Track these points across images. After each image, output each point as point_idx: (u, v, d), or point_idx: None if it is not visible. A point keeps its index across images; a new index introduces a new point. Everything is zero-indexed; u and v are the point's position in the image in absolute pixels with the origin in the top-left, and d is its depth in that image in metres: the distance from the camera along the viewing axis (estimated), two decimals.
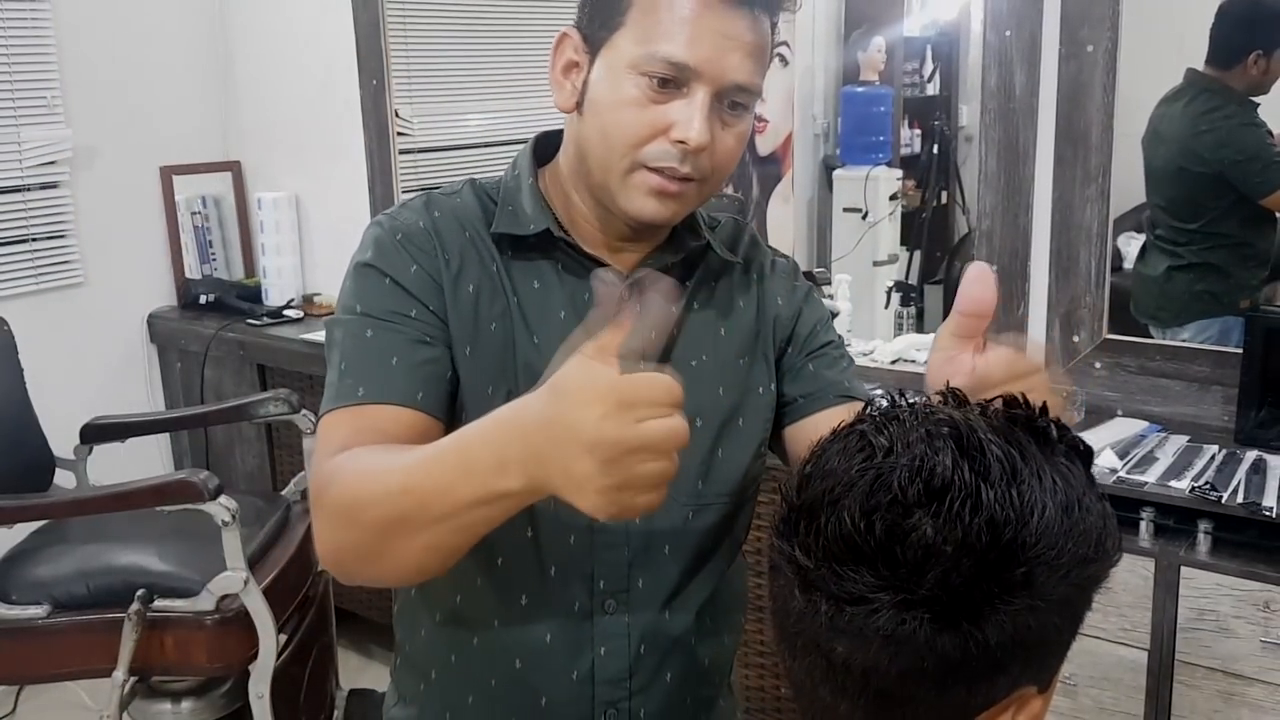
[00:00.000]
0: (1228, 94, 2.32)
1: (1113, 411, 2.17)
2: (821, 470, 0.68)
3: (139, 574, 2.12)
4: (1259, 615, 1.75)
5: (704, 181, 1.04)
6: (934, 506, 0.64)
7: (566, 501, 0.79)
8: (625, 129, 1.00)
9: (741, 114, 1.03)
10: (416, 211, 1.09)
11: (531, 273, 1.09)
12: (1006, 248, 2.24)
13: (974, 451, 0.65)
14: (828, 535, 0.66)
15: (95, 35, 3.17)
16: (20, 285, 3.06)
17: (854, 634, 0.65)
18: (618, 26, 1.01)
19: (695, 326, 1.13)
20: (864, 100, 5.50)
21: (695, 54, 0.97)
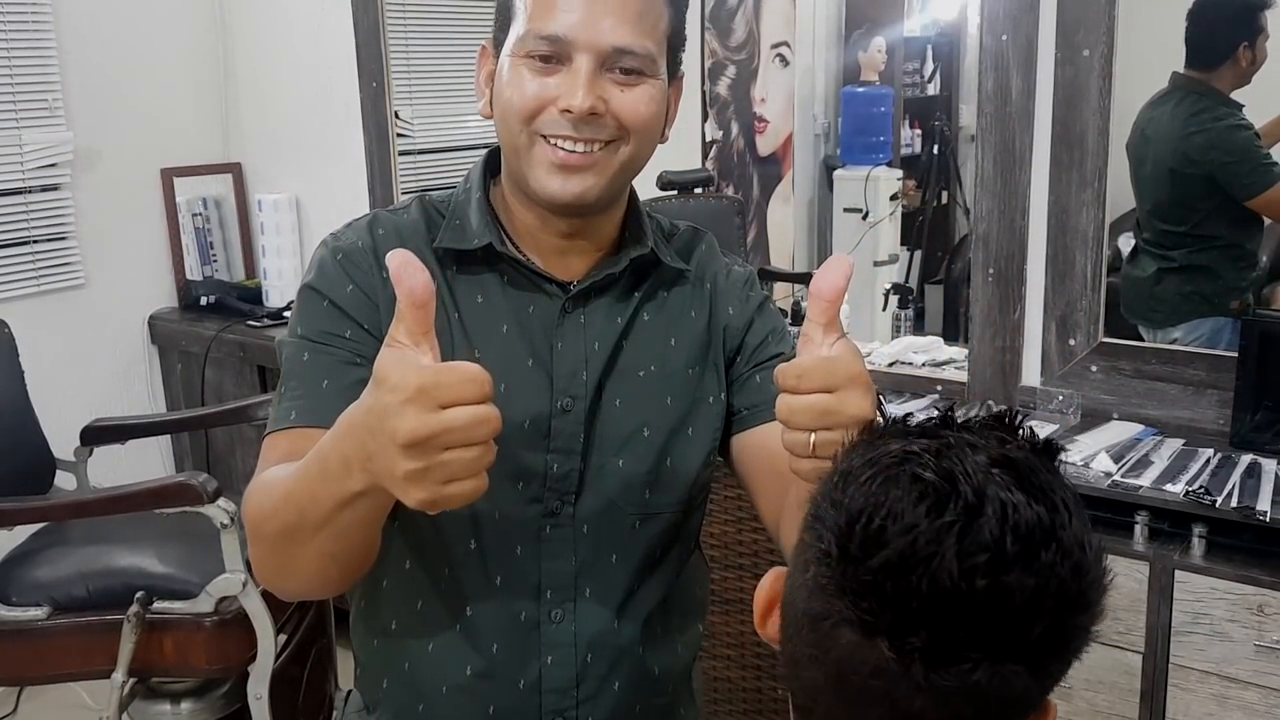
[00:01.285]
0: (1214, 95, 2.32)
1: (1109, 415, 2.18)
2: (896, 523, 0.63)
3: (138, 576, 2.13)
4: (1253, 619, 1.75)
5: (616, 146, 1.04)
6: (1028, 558, 0.62)
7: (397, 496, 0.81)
8: (515, 106, 1.03)
9: (639, 79, 1.03)
10: (359, 231, 1.10)
11: (475, 287, 1.10)
12: (1003, 251, 2.25)
13: (1043, 490, 0.64)
14: (922, 596, 0.62)
15: (96, 38, 3.17)
16: (21, 287, 3.07)
17: (941, 691, 0.63)
18: (510, 22, 1.05)
19: (644, 336, 1.14)
20: (864, 100, 5.51)
21: (565, 23, 1.00)
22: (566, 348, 1.10)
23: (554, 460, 1.09)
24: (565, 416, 1.09)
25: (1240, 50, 2.28)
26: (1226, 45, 2.29)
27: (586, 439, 1.10)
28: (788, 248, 5.40)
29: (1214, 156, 2.32)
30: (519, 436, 1.06)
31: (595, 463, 1.10)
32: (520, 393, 1.07)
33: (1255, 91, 2.29)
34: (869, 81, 5.51)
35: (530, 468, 1.08)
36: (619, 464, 1.11)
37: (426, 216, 1.12)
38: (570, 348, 1.10)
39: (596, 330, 1.11)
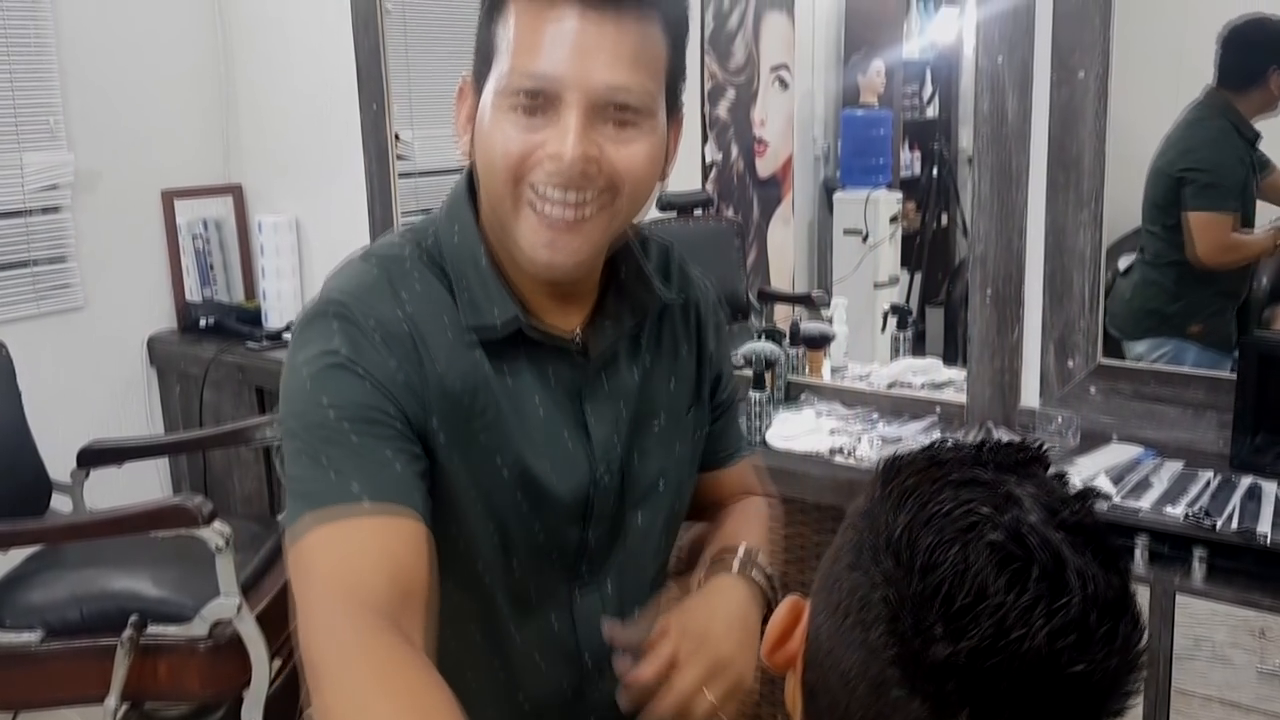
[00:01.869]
0: (1231, 114, 2.32)
1: (1108, 437, 2.16)
2: (982, 601, 0.61)
3: (132, 599, 2.12)
4: (1255, 643, 1.74)
5: (609, 202, 0.95)
6: (1111, 635, 0.62)
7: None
8: (502, 156, 0.93)
9: (635, 127, 0.93)
10: (386, 300, 0.96)
11: (503, 361, 1.00)
12: (1000, 272, 2.24)
13: (1110, 554, 0.64)
14: (1011, 677, 0.60)
15: (98, 60, 3.19)
16: (21, 309, 3.07)
17: None
18: (492, 61, 0.95)
19: (653, 384, 1.09)
20: (864, 123, 5.52)
21: (553, 63, 0.90)
22: (599, 415, 1.03)
23: (591, 533, 1.05)
24: (602, 488, 1.04)
25: (1271, 74, 2.28)
26: (1257, 68, 2.29)
27: (619, 501, 1.06)
28: (788, 269, 5.40)
29: (1188, 159, 2.33)
30: (565, 514, 1.02)
31: (620, 521, 1.07)
32: (564, 471, 1.01)
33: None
34: (868, 104, 5.52)
35: (567, 545, 1.04)
36: (638, 519, 1.08)
37: (440, 278, 0.99)
38: (602, 415, 1.04)
39: (621, 389, 1.06)
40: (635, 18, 0.91)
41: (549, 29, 0.90)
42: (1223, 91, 2.31)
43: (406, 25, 3.18)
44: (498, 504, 0.98)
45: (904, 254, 5.32)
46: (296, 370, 0.93)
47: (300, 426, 0.91)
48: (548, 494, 1.00)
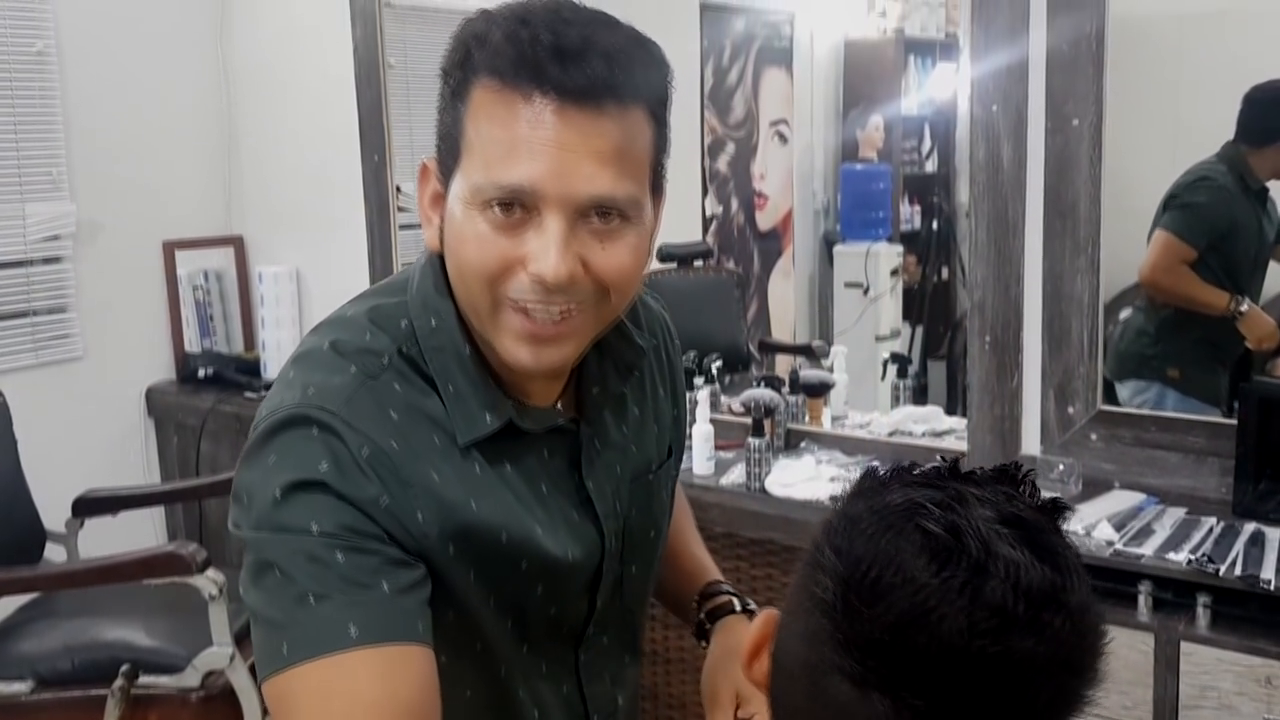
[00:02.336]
0: (1239, 165, 2.34)
1: (1110, 484, 2.15)
2: (901, 577, 0.62)
3: (124, 649, 2.10)
4: (1261, 691, 1.71)
5: (595, 304, 0.88)
6: (1035, 623, 0.62)
7: None
8: (477, 267, 0.85)
9: (621, 226, 0.86)
10: (374, 419, 0.87)
11: (501, 456, 0.93)
12: (999, 319, 2.24)
13: (1050, 550, 0.64)
14: (927, 656, 0.61)
15: (101, 112, 3.22)
16: (20, 359, 3.07)
17: None
18: (459, 154, 0.86)
19: (638, 433, 1.05)
20: (863, 177, 5.57)
21: (530, 173, 0.82)
22: (598, 484, 1.00)
23: (600, 599, 1.03)
24: (611, 557, 1.02)
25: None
26: (1276, 127, 2.31)
27: (619, 558, 1.04)
28: (789, 322, 5.41)
29: (1180, 193, 2.34)
30: (575, 591, 1.00)
31: (618, 578, 1.05)
32: (577, 547, 0.98)
33: None
34: (867, 159, 5.57)
35: (578, 615, 1.02)
36: (632, 570, 1.06)
37: (418, 385, 0.91)
38: (602, 484, 1.00)
39: (614, 452, 1.02)
40: (616, 110, 0.83)
41: (524, 132, 0.82)
42: (1239, 145, 2.33)
43: (409, 78, 3.21)
44: (514, 598, 0.95)
45: (905, 307, 5.33)
46: (268, 479, 0.83)
47: (269, 537, 0.82)
48: (564, 575, 0.97)
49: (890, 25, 5.57)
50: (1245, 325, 2.31)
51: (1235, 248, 2.39)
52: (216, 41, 3.48)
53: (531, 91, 0.81)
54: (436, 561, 0.88)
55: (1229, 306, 2.31)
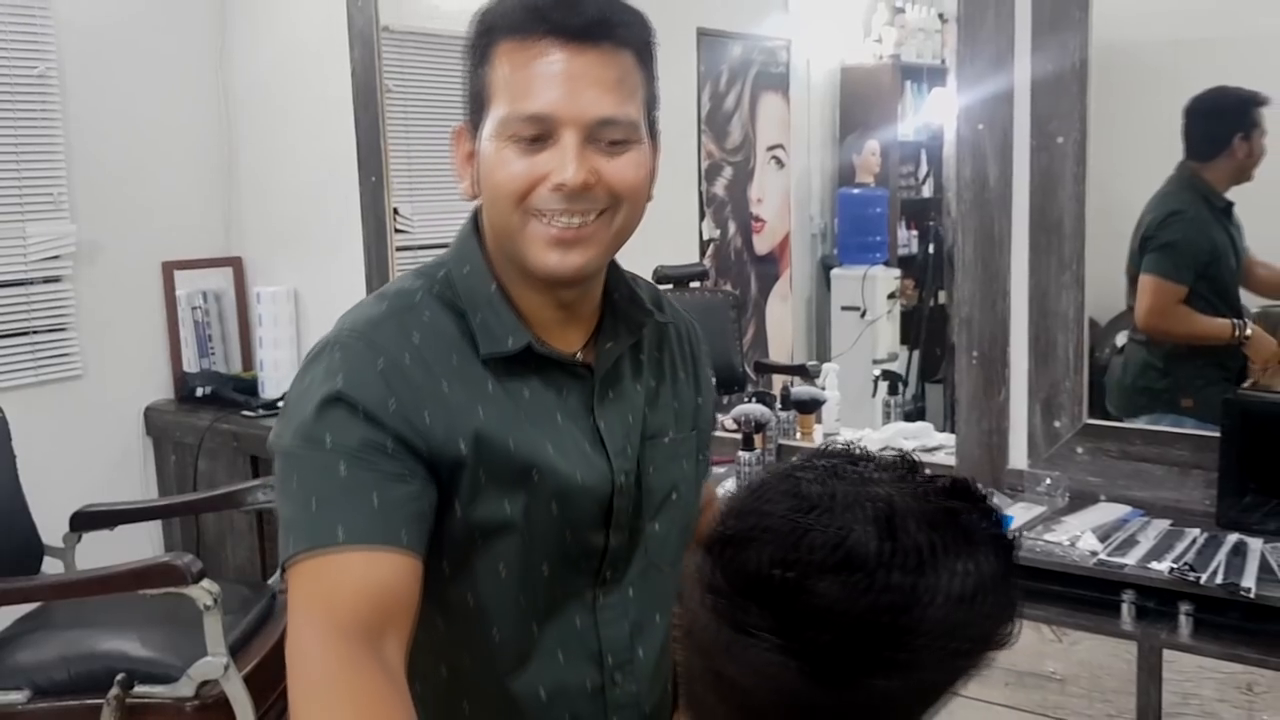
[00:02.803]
0: (1199, 185, 2.37)
1: (1096, 497, 2.17)
2: (756, 506, 0.72)
3: (120, 659, 2.12)
4: (1243, 698, 1.73)
5: (609, 215, 1.04)
6: (840, 576, 0.67)
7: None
8: (506, 186, 1.01)
9: (625, 147, 1.03)
10: (395, 339, 1.02)
11: (519, 384, 1.07)
12: (986, 334, 2.27)
13: (897, 535, 0.69)
14: (740, 569, 0.70)
15: (102, 133, 3.26)
16: (20, 377, 3.10)
17: (741, 660, 0.70)
18: (487, 104, 1.03)
19: (660, 403, 1.17)
20: (860, 201, 5.61)
21: (548, 101, 0.99)
22: (610, 426, 1.11)
23: (614, 536, 1.11)
24: (623, 494, 1.11)
25: (1236, 142, 2.34)
26: (1222, 137, 2.35)
27: (636, 507, 1.13)
28: (787, 345, 5.44)
29: (1154, 227, 2.37)
30: (589, 519, 1.09)
31: (637, 528, 1.14)
32: (590, 477, 1.08)
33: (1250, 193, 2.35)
34: (864, 183, 5.62)
35: (592, 547, 1.10)
36: (655, 527, 1.15)
37: (449, 314, 1.07)
38: (613, 425, 1.11)
39: (627, 403, 1.14)
40: (612, 49, 1.01)
41: (538, 69, 1.00)
42: (1190, 163, 2.37)
43: (406, 102, 3.26)
44: (531, 513, 1.05)
45: (903, 331, 5.36)
46: (300, 396, 1.00)
47: (294, 449, 0.98)
48: (577, 498, 1.07)
49: (886, 51, 5.62)
50: (1251, 349, 2.34)
51: (1221, 270, 2.42)
52: (216, 65, 3.53)
53: (542, 36, 0.99)
54: (451, 460, 1.00)
55: (1234, 334, 2.34)
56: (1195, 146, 2.35)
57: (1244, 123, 2.34)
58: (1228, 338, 2.35)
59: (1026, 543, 1.97)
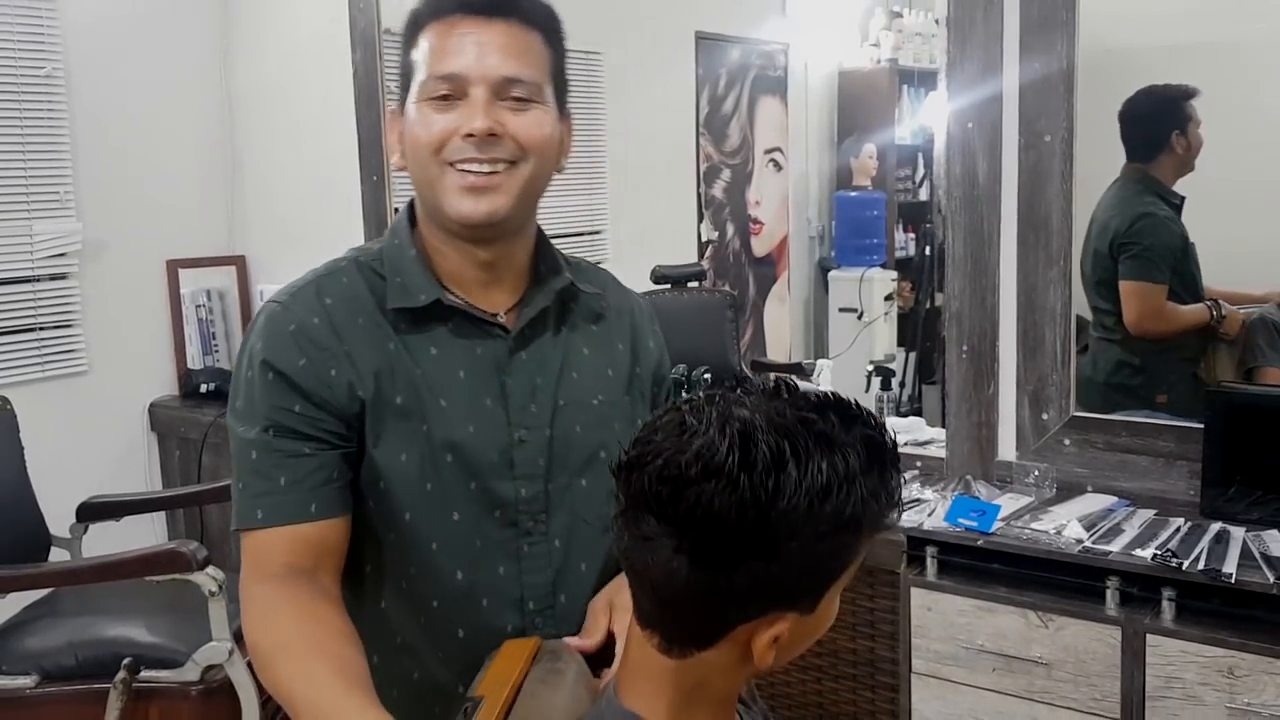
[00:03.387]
0: (1154, 185, 2.43)
1: (1083, 487, 2.22)
2: (647, 436, 0.89)
3: (126, 645, 2.16)
4: (1224, 682, 1.77)
5: (517, 166, 1.16)
6: (706, 484, 0.83)
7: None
8: (424, 139, 1.15)
9: (530, 105, 1.16)
10: (308, 303, 1.16)
11: (428, 340, 1.19)
12: (975, 329, 2.32)
13: (748, 445, 0.83)
14: (634, 488, 0.87)
15: (108, 133, 3.31)
16: (26, 373, 3.14)
17: (647, 561, 0.87)
18: (411, 76, 1.18)
19: (587, 369, 1.26)
20: (857, 204, 5.65)
21: (459, 63, 1.13)
22: (516, 385, 1.21)
23: (520, 486, 1.20)
24: (524, 447, 1.20)
25: (1174, 139, 2.40)
26: (1160, 136, 2.41)
27: (549, 464, 1.21)
28: (785, 346, 5.48)
29: (1125, 234, 2.41)
30: (489, 469, 1.18)
31: (561, 484, 1.22)
32: (484, 429, 1.19)
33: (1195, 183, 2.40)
34: (861, 186, 5.66)
35: (502, 496, 1.19)
36: (582, 483, 1.23)
37: (367, 280, 1.19)
38: (519, 384, 1.21)
39: (538, 366, 1.23)
40: (519, 25, 1.16)
41: (453, 38, 1.15)
42: (1136, 165, 2.43)
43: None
44: (429, 463, 1.17)
45: (900, 333, 5.40)
46: (237, 365, 1.18)
47: (230, 425, 1.17)
48: (470, 451, 1.17)
49: (884, 55, 5.66)
50: (1228, 325, 2.39)
51: (1188, 263, 2.48)
52: (220, 66, 3.57)
53: (454, 13, 1.15)
54: (354, 414, 1.15)
55: (1212, 316, 2.39)
56: (1136, 149, 2.42)
57: (1178, 119, 2.41)
58: (1209, 320, 2.40)
59: (1014, 531, 2.01)
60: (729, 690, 0.96)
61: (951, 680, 2.02)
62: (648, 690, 0.94)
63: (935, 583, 2.04)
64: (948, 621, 2.01)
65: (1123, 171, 2.42)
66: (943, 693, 2.03)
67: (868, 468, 0.87)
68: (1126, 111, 2.37)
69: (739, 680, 0.96)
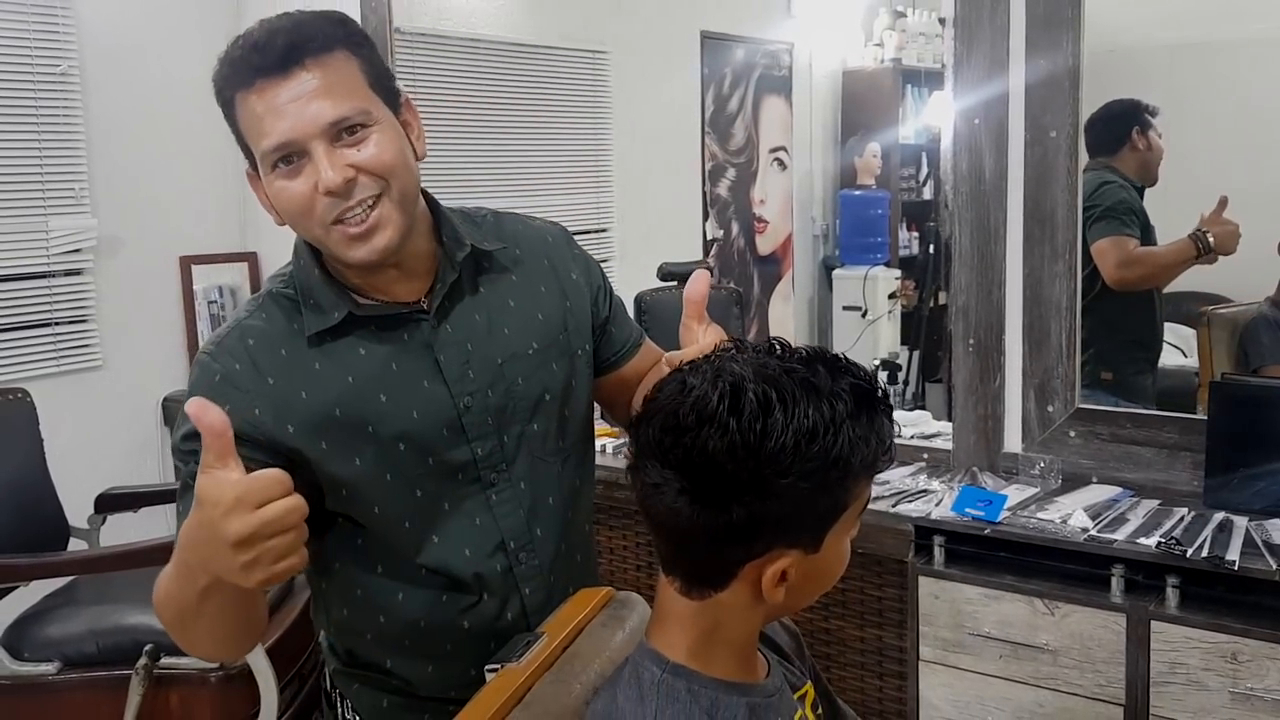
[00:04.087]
0: (1114, 172, 2.54)
1: (1088, 479, 2.25)
2: (653, 395, 1.00)
3: (147, 633, 2.19)
4: (1228, 667, 1.80)
5: (386, 194, 1.18)
6: (700, 431, 0.93)
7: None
8: (292, 209, 1.17)
9: (364, 131, 1.17)
10: (233, 349, 1.21)
11: (355, 345, 1.23)
12: (981, 322, 2.35)
13: (738, 394, 0.93)
14: (642, 440, 0.98)
15: (123, 131, 3.34)
16: (42, 367, 3.17)
17: (655, 505, 0.98)
18: (250, 150, 1.19)
19: (516, 319, 1.31)
20: (861, 203, 5.69)
21: (282, 130, 1.14)
22: (449, 358, 1.26)
23: (477, 446, 1.27)
24: (470, 412, 1.26)
25: (1134, 135, 2.51)
26: (1119, 133, 2.53)
27: (500, 417, 1.28)
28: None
29: (1088, 204, 2.43)
30: (442, 443, 1.25)
31: (515, 432, 1.30)
32: (428, 410, 1.24)
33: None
34: (865, 185, 5.69)
35: (460, 460, 1.27)
36: (534, 427, 1.31)
37: (283, 310, 1.24)
38: (451, 356, 1.26)
39: (466, 333, 1.28)
40: (314, 63, 1.15)
41: (263, 108, 1.15)
42: (1098, 160, 2.51)
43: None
44: (385, 455, 1.22)
45: (903, 332, 5.43)
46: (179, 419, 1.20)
47: (177, 465, 1.21)
48: (419, 435, 1.23)
49: (887, 55, 5.70)
50: (1219, 245, 2.46)
51: (1152, 239, 2.56)
52: None
53: (254, 82, 1.15)
54: (288, 446, 1.19)
55: (1198, 247, 2.47)
56: (1099, 146, 2.49)
57: (1138, 119, 2.54)
58: (1194, 253, 2.48)
59: (1020, 520, 2.05)
60: (746, 632, 1.04)
61: (959, 667, 2.06)
62: (673, 631, 1.03)
63: (942, 571, 2.07)
64: (955, 609, 2.04)
65: (1084, 168, 2.46)
66: (950, 680, 2.07)
67: (855, 413, 0.95)
68: (1093, 118, 2.42)
69: (754, 622, 1.03)
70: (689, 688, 1.00)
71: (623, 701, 1.00)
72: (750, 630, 1.04)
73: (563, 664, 1.13)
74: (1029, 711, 1.98)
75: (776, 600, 0.99)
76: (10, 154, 3.11)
